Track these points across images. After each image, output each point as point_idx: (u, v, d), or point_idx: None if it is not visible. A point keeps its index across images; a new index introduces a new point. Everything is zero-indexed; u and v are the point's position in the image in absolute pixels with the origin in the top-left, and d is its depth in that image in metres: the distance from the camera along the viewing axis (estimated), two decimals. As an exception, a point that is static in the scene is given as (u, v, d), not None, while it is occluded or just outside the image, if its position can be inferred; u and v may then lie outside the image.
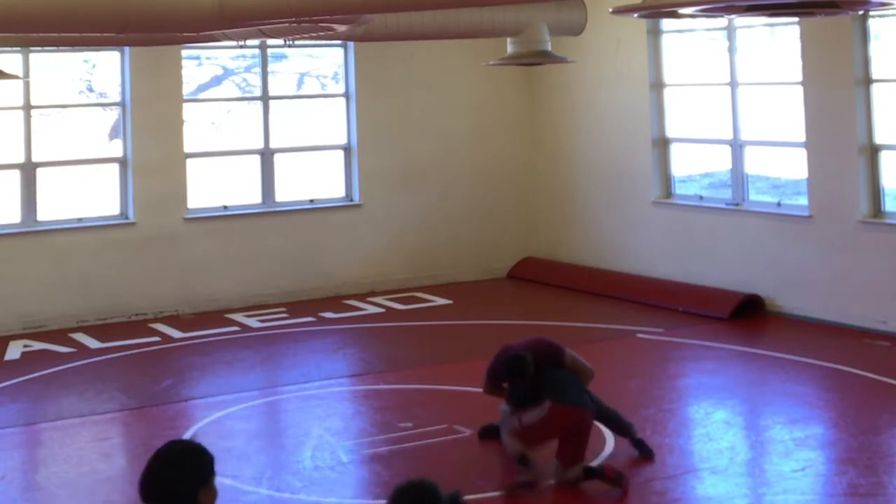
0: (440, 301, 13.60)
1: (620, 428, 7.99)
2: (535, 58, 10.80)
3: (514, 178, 15.28)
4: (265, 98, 13.94)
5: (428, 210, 14.70)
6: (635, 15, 5.96)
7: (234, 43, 10.67)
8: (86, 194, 13.33)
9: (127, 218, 13.14)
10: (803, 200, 12.13)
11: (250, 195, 13.88)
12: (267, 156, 13.89)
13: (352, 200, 14.38)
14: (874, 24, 11.44)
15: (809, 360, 10.36)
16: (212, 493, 4.00)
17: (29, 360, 11.19)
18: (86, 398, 9.86)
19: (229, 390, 9.99)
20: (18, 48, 12.11)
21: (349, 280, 14.12)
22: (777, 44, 12.90)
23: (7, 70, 10.44)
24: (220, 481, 3.94)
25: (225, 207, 13.71)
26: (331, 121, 14.53)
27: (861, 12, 10.55)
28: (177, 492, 3.82)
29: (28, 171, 12.70)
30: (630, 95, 13.86)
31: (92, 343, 11.77)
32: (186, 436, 8.67)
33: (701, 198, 13.30)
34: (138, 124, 13.15)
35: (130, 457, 8.55)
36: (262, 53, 13.89)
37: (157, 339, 11.97)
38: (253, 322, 12.64)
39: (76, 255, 12.74)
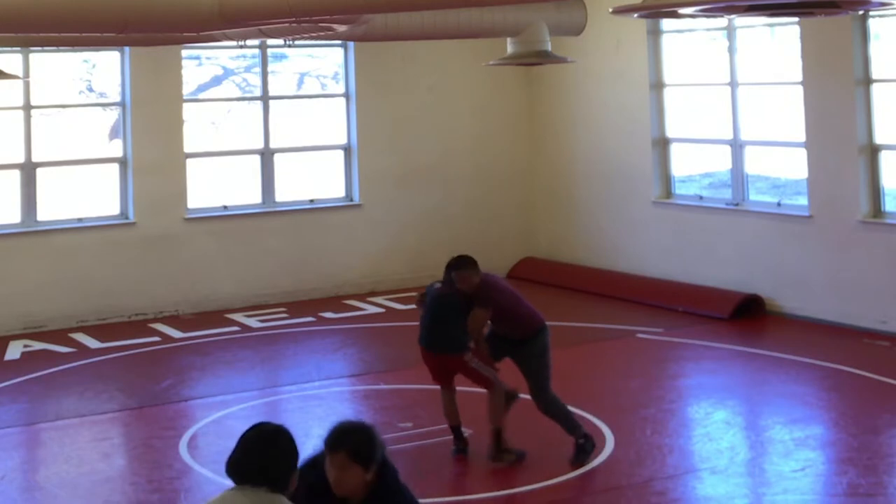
0: (440, 301, 13.57)
1: (567, 426, 7.88)
2: (535, 58, 10.78)
3: (514, 178, 15.28)
4: (265, 98, 13.94)
5: (428, 210, 14.69)
6: (635, 15, 5.96)
7: (234, 43, 10.66)
8: (86, 194, 13.33)
9: (127, 218, 13.14)
10: (803, 200, 12.13)
11: (250, 195, 13.88)
12: (267, 156, 13.89)
13: (352, 200, 14.38)
14: (874, 24, 11.44)
15: (809, 360, 10.36)
16: (340, 471, 4.13)
17: (29, 360, 11.19)
18: (86, 398, 9.86)
19: (229, 390, 10.00)
20: (18, 48, 12.11)
21: (349, 280, 14.12)
22: (777, 44, 12.90)
23: (7, 70, 10.45)
24: (219, 481, 3.95)
25: (225, 207, 13.71)
26: (331, 121, 14.53)
27: (861, 12, 10.55)
28: (276, 469, 3.88)
29: (28, 171, 12.70)
30: (630, 95, 13.86)
31: (92, 343, 11.77)
32: (187, 436, 8.68)
33: (701, 198, 13.30)
34: (138, 124, 13.14)
35: (130, 457, 8.56)
36: (262, 53, 13.89)
37: (157, 339, 11.97)
38: (253, 322, 12.63)
39: (76, 255, 12.74)
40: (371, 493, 4.37)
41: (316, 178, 14.51)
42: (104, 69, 13.60)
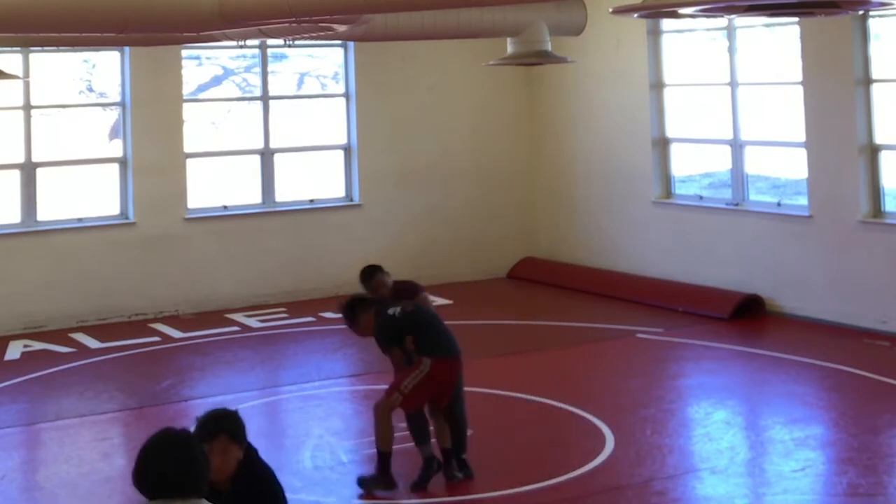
0: (440, 301, 13.54)
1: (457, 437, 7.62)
2: (535, 58, 10.79)
3: (514, 178, 15.28)
4: (265, 98, 13.94)
5: (428, 210, 14.69)
6: (635, 15, 5.96)
7: (234, 43, 10.67)
8: (86, 194, 13.33)
9: (127, 218, 13.14)
10: (803, 200, 12.13)
11: (250, 195, 13.88)
12: (267, 156, 13.89)
13: (352, 200, 14.38)
14: (874, 24, 11.44)
15: (809, 360, 10.36)
16: (222, 455, 4.06)
17: (29, 360, 11.19)
18: (86, 398, 9.86)
19: (229, 390, 9.99)
20: (18, 48, 12.11)
21: (349, 280, 14.06)
22: (777, 44, 12.90)
23: (7, 70, 10.45)
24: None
25: (225, 207, 13.71)
26: (331, 121, 14.53)
27: (861, 12, 10.54)
28: (175, 482, 3.66)
29: (28, 171, 12.70)
30: (630, 95, 13.86)
31: (92, 343, 11.77)
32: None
33: (701, 198, 13.30)
34: (138, 124, 13.14)
35: (130, 457, 8.49)
36: (262, 53, 13.89)
37: (157, 339, 11.97)
38: (253, 322, 12.63)
39: (76, 255, 12.74)
40: (239, 475, 4.54)
41: (316, 178, 14.52)
42: (104, 69, 13.60)
